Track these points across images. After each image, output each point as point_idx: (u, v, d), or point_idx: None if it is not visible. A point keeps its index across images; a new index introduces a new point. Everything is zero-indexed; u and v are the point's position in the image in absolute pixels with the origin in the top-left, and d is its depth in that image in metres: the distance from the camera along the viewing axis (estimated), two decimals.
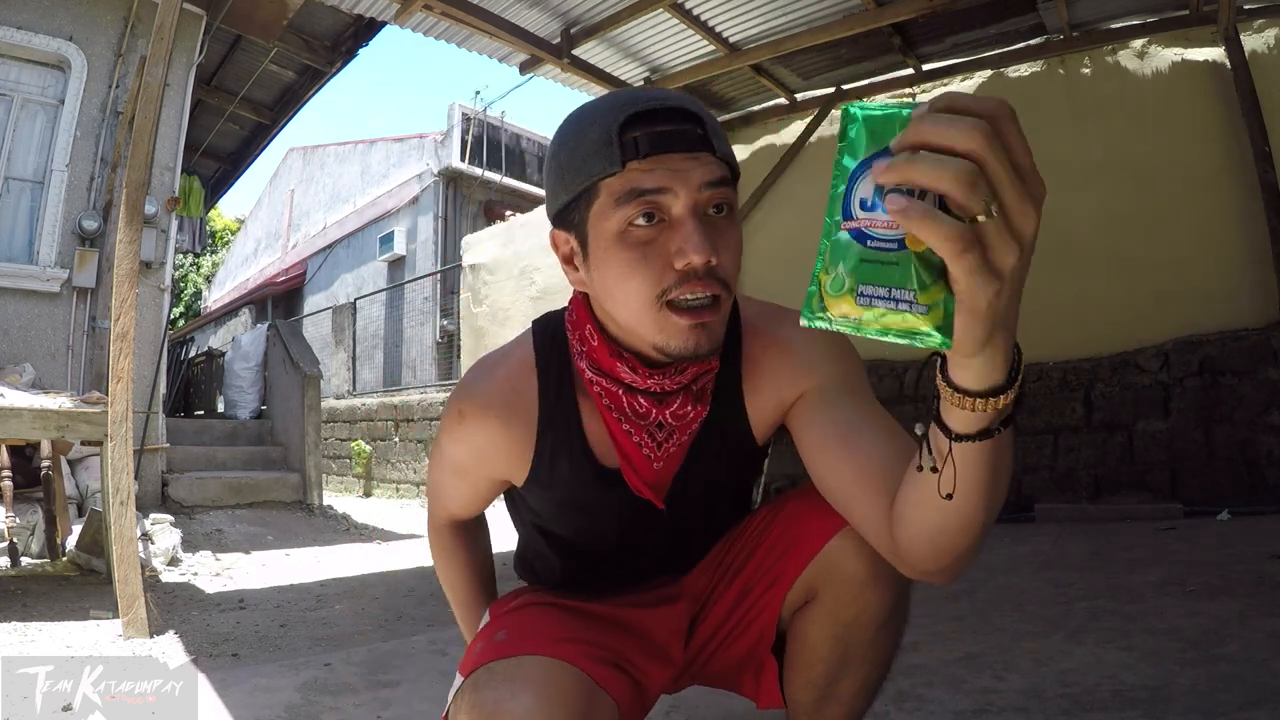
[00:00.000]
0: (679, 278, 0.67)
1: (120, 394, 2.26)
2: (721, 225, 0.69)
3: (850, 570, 0.78)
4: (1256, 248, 3.53)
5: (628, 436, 0.80)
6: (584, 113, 0.72)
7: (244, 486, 5.29)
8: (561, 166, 0.71)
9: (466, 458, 0.86)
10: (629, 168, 0.67)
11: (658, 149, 0.67)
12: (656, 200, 0.67)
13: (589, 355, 0.78)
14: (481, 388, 0.83)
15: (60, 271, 4.39)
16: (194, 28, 4.84)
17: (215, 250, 18.67)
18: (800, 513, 0.83)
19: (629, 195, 0.67)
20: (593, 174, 0.68)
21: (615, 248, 0.69)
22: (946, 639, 1.75)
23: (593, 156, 0.68)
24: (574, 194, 0.70)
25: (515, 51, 4.20)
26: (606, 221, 0.69)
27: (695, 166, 0.67)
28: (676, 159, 0.67)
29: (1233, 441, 3.43)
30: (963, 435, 0.50)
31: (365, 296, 11.33)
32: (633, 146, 0.67)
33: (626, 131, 0.67)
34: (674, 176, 0.67)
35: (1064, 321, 4.00)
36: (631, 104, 0.68)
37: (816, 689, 0.83)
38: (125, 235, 2.29)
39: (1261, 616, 1.70)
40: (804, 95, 4.90)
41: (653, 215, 0.67)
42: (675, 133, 0.67)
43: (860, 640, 0.80)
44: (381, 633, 2.29)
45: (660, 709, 1.43)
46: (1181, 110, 3.78)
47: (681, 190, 0.67)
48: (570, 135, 0.71)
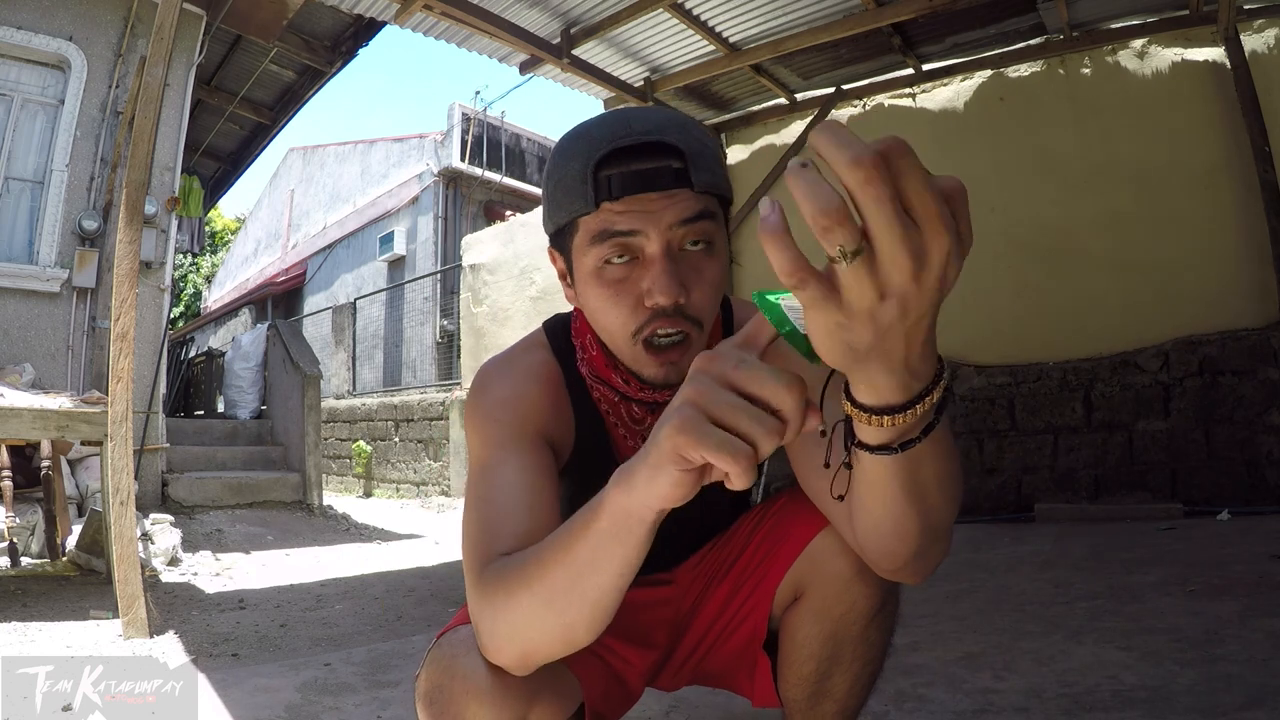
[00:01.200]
0: (649, 315, 0.69)
1: (120, 394, 2.26)
2: (698, 261, 0.70)
3: (836, 566, 0.78)
4: (1256, 248, 3.53)
5: (625, 441, 0.82)
6: (570, 141, 0.72)
7: (244, 486, 5.29)
8: (548, 195, 0.73)
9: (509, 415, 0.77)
10: (602, 208, 0.68)
11: (630, 189, 0.67)
12: (627, 242, 0.68)
13: (589, 363, 0.81)
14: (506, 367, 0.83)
15: (60, 271, 4.39)
16: (194, 28, 4.84)
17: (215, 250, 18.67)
18: (788, 510, 0.84)
19: (602, 236, 0.69)
20: (572, 211, 0.70)
21: (592, 283, 0.71)
22: (946, 639, 1.75)
23: (571, 193, 0.69)
24: (558, 225, 0.73)
25: (515, 51, 4.20)
26: (585, 257, 0.71)
27: (669, 206, 0.68)
28: (650, 199, 0.68)
29: (1233, 441, 3.43)
30: (867, 446, 0.49)
31: (365, 296, 11.33)
32: (606, 187, 0.68)
33: (602, 169, 0.68)
34: (646, 219, 0.67)
35: (1064, 321, 4.00)
36: (610, 139, 0.68)
37: (809, 686, 0.83)
38: (125, 235, 2.29)
39: (1261, 616, 1.70)
40: (804, 95, 4.90)
41: (624, 254, 0.69)
42: (650, 171, 0.67)
43: (850, 636, 0.80)
44: (381, 633, 2.29)
45: (660, 709, 1.43)
46: (1181, 110, 3.78)
47: (653, 231, 0.68)
48: (556, 165, 0.72)
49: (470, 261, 7.89)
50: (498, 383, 0.80)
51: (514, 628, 0.59)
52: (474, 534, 0.68)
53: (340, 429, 9.08)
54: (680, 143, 0.68)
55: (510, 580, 0.58)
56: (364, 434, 8.70)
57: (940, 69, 4.44)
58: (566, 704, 0.71)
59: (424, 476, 7.65)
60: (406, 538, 4.90)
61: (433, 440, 7.61)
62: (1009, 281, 4.18)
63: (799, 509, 0.82)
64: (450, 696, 0.64)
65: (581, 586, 0.55)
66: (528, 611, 0.57)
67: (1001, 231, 4.24)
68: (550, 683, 0.69)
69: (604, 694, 0.81)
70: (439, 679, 0.65)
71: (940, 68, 4.44)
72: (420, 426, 7.81)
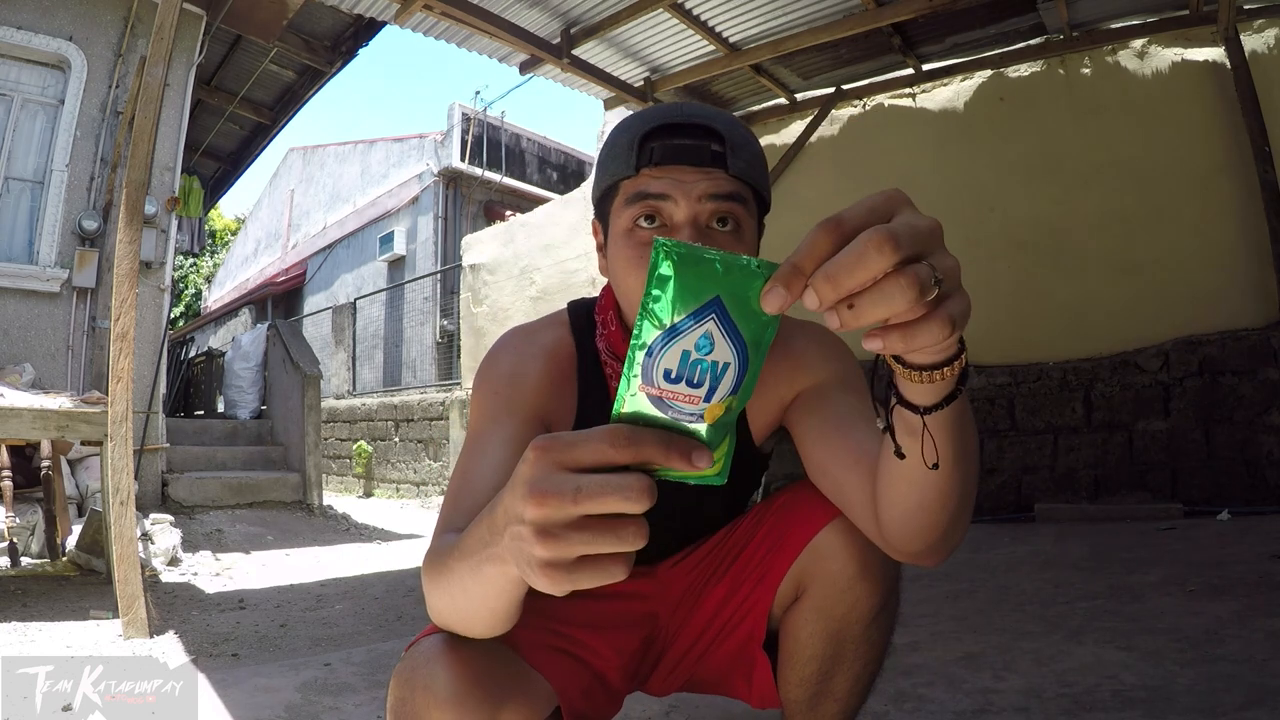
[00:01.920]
0: None
1: (120, 394, 2.26)
2: (723, 239, 0.74)
3: (839, 565, 0.79)
4: (1256, 247, 3.53)
5: None
6: (628, 119, 0.79)
7: (244, 486, 5.29)
8: (599, 164, 0.80)
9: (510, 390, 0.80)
10: (641, 172, 0.74)
11: (668, 159, 0.73)
12: (659, 205, 0.73)
13: (607, 338, 0.84)
14: (519, 340, 0.86)
15: (60, 271, 4.39)
16: (194, 28, 4.84)
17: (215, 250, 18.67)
18: (789, 508, 0.84)
19: (636, 196, 0.74)
20: (616, 174, 0.76)
21: (622, 243, 0.76)
22: (946, 639, 1.75)
23: (618, 158, 0.76)
24: (602, 189, 0.79)
25: (515, 51, 4.20)
26: (619, 218, 0.76)
27: (701, 179, 0.73)
28: (685, 170, 0.73)
29: (1233, 441, 3.43)
30: (929, 407, 0.49)
31: (365, 296, 11.33)
32: (648, 154, 0.74)
33: (647, 140, 0.74)
34: (677, 186, 0.73)
35: (1064, 321, 4.00)
36: (662, 116, 0.75)
37: (811, 686, 0.83)
38: (125, 235, 2.29)
39: (1261, 616, 1.70)
40: (804, 95, 4.90)
41: (654, 218, 0.74)
42: (690, 146, 0.73)
43: (852, 635, 0.81)
44: (381, 633, 2.29)
45: (660, 709, 1.43)
46: (1181, 110, 3.78)
47: (682, 199, 0.73)
48: (610, 137, 0.79)
49: (470, 261, 7.89)
50: (506, 356, 0.84)
51: (435, 606, 0.61)
52: (446, 502, 0.73)
53: (340, 429, 9.08)
54: (724, 130, 0.74)
55: (435, 562, 0.59)
56: (364, 434, 8.70)
57: (940, 69, 4.44)
58: (537, 709, 0.71)
59: (424, 476, 7.65)
60: (406, 538, 4.90)
61: (433, 440, 7.61)
62: (1009, 281, 4.18)
63: (801, 505, 0.82)
64: (413, 709, 0.64)
65: (466, 595, 0.54)
66: (439, 595, 0.58)
67: (1001, 231, 4.24)
68: (518, 688, 0.69)
69: (584, 693, 0.80)
70: (402, 691, 0.66)
71: (940, 68, 4.44)
72: (420, 426, 7.81)
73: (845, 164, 4.80)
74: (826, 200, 4.84)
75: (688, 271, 0.37)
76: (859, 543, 0.77)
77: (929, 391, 0.48)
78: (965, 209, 4.36)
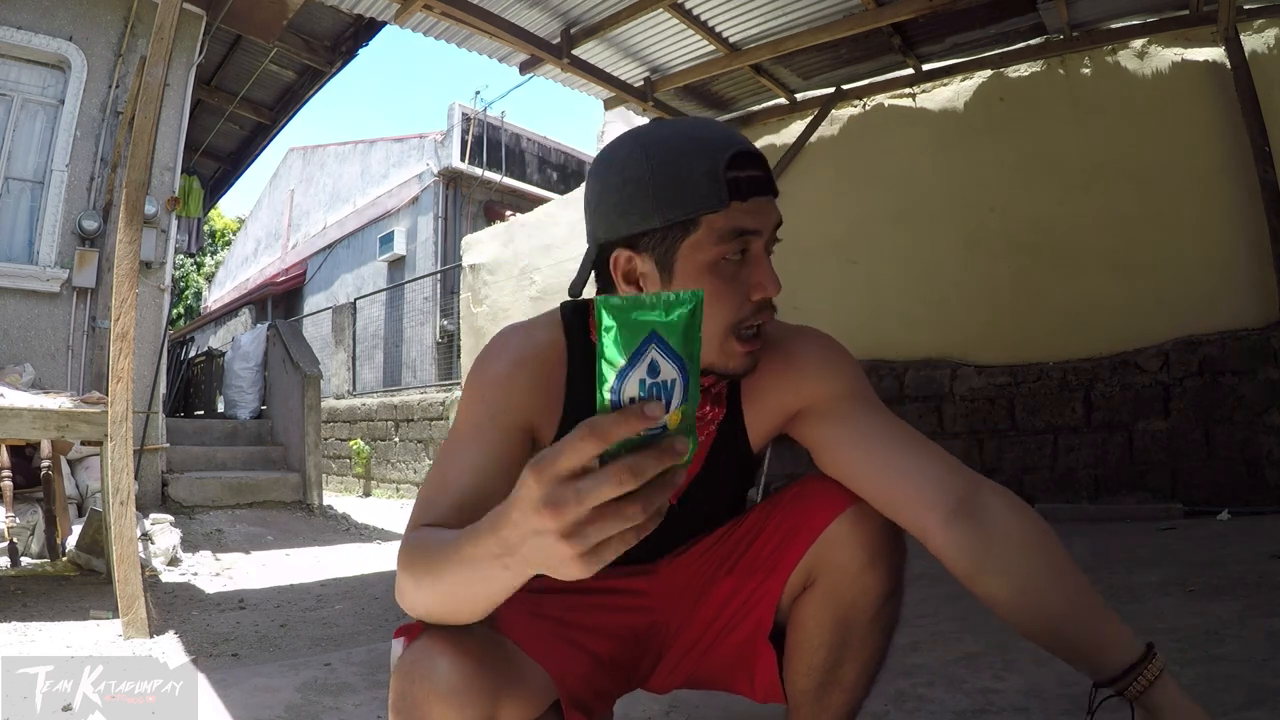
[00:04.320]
0: (754, 308, 0.77)
1: (120, 394, 2.26)
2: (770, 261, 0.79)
3: (850, 553, 0.80)
4: (1256, 248, 3.53)
5: None
6: (678, 142, 0.74)
7: (244, 486, 5.29)
8: (653, 193, 0.73)
9: (496, 396, 0.80)
10: (731, 206, 0.73)
11: (756, 192, 0.75)
12: (749, 240, 0.75)
13: None
14: (513, 342, 0.85)
15: (60, 271, 4.39)
16: (194, 28, 4.84)
17: (215, 250, 18.68)
18: (801, 500, 0.85)
19: (732, 233, 0.74)
20: (697, 208, 0.73)
21: (706, 277, 0.74)
22: (946, 639, 1.75)
23: (696, 190, 0.72)
24: (669, 221, 0.73)
25: (515, 51, 4.20)
26: (702, 253, 0.74)
27: (772, 210, 0.77)
28: (764, 202, 0.76)
29: (1233, 441, 3.43)
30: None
31: (365, 296, 11.33)
32: (737, 187, 0.73)
33: (731, 171, 0.73)
34: (763, 219, 0.76)
35: (1064, 321, 4.00)
36: (731, 143, 0.74)
37: (819, 675, 0.84)
38: (125, 235, 2.29)
39: (1261, 616, 1.70)
40: (804, 95, 4.90)
41: (741, 251, 0.75)
42: (765, 179, 0.76)
43: (861, 622, 0.82)
44: (381, 633, 2.29)
45: (660, 709, 1.43)
46: (1181, 110, 3.78)
47: (765, 231, 0.76)
48: (667, 163, 0.73)
49: (470, 261, 7.89)
50: (497, 359, 0.83)
51: (417, 600, 0.65)
52: (420, 498, 0.75)
53: (340, 429, 9.08)
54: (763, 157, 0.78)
55: (416, 557, 0.64)
56: (364, 434, 8.70)
57: (940, 69, 4.44)
58: (538, 699, 0.72)
59: (424, 476, 7.65)
60: None
61: (433, 440, 7.61)
62: (1009, 281, 4.18)
63: (814, 497, 0.84)
64: (415, 702, 0.65)
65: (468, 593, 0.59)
66: (426, 592, 0.63)
67: (1002, 231, 4.24)
68: (517, 679, 0.70)
69: (583, 679, 0.81)
70: (402, 685, 0.67)
71: (940, 68, 4.44)
72: (420, 426, 7.81)
73: (845, 164, 4.79)
74: (826, 200, 4.84)
75: (624, 318, 0.44)
76: (870, 530, 0.80)
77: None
78: (965, 209, 4.36)
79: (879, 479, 0.79)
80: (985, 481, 0.79)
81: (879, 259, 4.65)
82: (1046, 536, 0.76)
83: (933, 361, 4.36)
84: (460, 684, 0.64)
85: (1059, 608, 0.73)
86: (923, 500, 0.76)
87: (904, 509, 0.78)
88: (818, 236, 4.81)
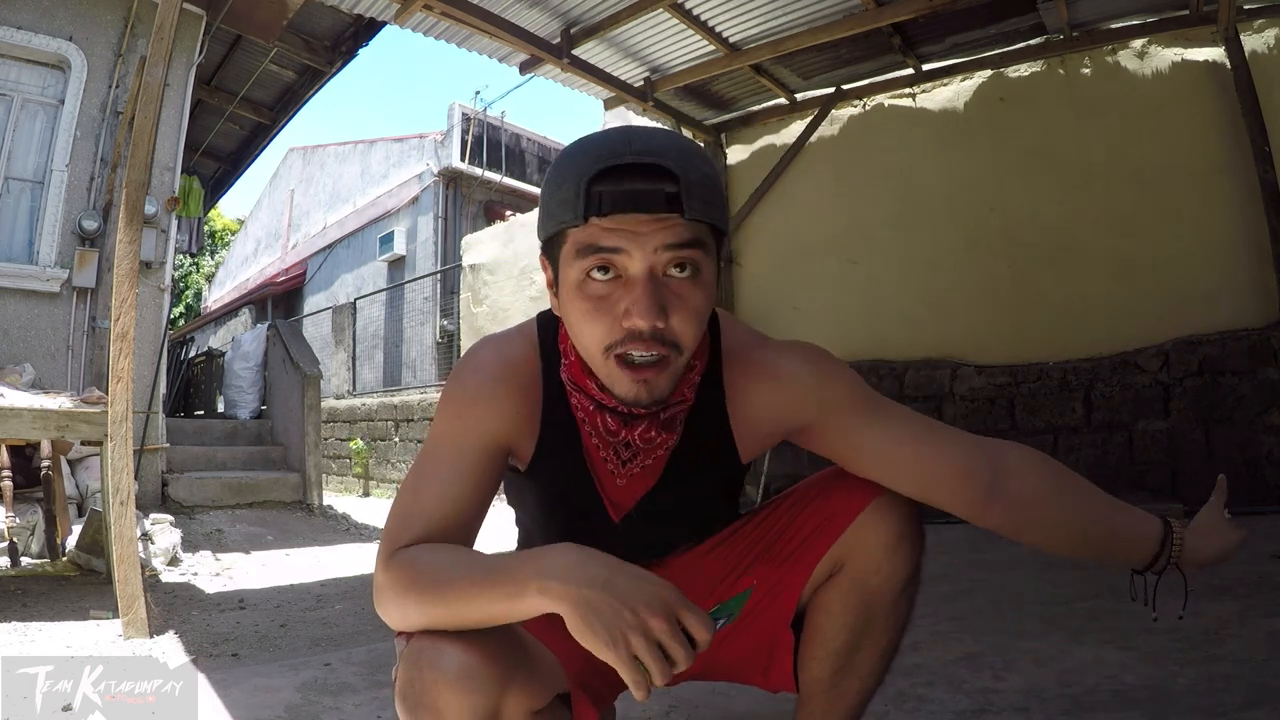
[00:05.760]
0: (625, 335, 0.70)
1: (120, 394, 2.26)
2: (681, 287, 0.70)
3: (879, 537, 0.82)
4: (1256, 247, 3.53)
5: (597, 451, 0.83)
6: (569, 153, 0.72)
7: (244, 486, 5.28)
8: (543, 204, 0.74)
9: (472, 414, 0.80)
10: (590, 222, 0.68)
11: (619, 208, 0.67)
12: (611, 259, 0.69)
13: (569, 369, 0.81)
14: (489, 356, 0.84)
15: (60, 271, 4.38)
16: (194, 28, 4.84)
17: (215, 250, 18.68)
18: (830, 494, 0.87)
19: (587, 250, 0.69)
20: (561, 222, 0.70)
21: (575, 295, 0.71)
22: (946, 639, 1.74)
23: (564, 204, 0.69)
24: (549, 234, 0.73)
25: (515, 51, 4.20)
26: (569, 269, 0.71)
27: (657, 230, 0.68)
28: (639, 220, 0.67)
29: (1233, 441, 3.43)
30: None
31: (365, 296, 11.33)
32: (596, 202, 0.67)
33: (595, 184, 0.67)
34: (631, 238, 0.68)
35: (1064, 321, 4.00)
36: (608, 155, 0.68)
37: (837, 660, 0.85)
38: (125, 235, 2.29)
39: (1261, 616, 1.70)
40: (804, 95, 4.90)
41: (608, 270, 0.69)
42: (642, 193, 0.67)
43: (883, 605, 0.84)
44: (381, 633, 2.29)
45: (660, 709, 1.43)
46: (1181, 110, 3.78)
47: (637, 252, 0.68)
48: (553, 175, 0.72)
49: (470, 261, 7.89)
50: (472, 376, 0.82)
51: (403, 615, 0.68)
52: (394, 516, 0.75)
53: (340, 429, 9.08)
54: (677, 168, 0.67)
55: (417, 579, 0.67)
56: (364, 434, 8.70)
57: (940, 69, 4.44)
58: (545, 687, 0.72)
59: None
60: None
61: None
62: (1009, 281, 4.18)
63: (842, 490, 0.85)
64: (423, 689, 0.65)
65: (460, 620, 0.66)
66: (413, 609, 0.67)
67: (1001, 231, 4.24)
68: (526, 665, 0.70)
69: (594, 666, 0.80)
70: (410, 674, 0.67)
71: (940, 68, 4.44)
72: (420, 426, 7.81)
73: (845, 164, 4.80)
74: (826, 200, 4.84)
75: None
76: (897, 514, 0.82)
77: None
78: (965, 209, 4.36)
79: (913, 475, 0.81)
80: (1004, 447, 0.85)
81: (879, 259, 4.65)
82: (1064, 478, 0.85)
83: (933, 361, 4.36)
84: (468, 670, 0.64)
85: (1093, 535, 0.86)
86: (962, 487, 0.81)
87: (945, 498, 0.82)
88: (818, 236, 4.81)
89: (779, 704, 1.23)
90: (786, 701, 0.95)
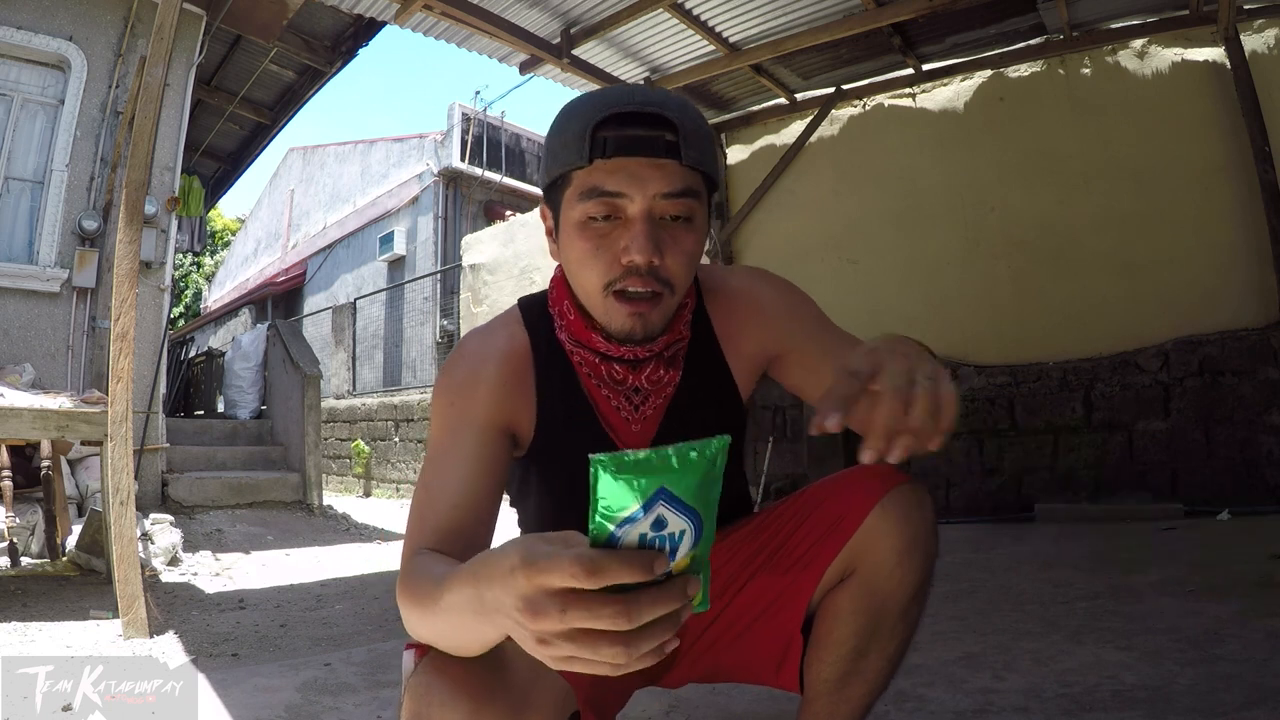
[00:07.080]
0: (624, 271, 0.74)
1: (120, 394, 2.26)
2: (676, 231, 0.75)
3: (889, 541, 0.81)
4: (1256, 247, 3.53)
5: (607, 401, 0.85)
6: (576, 103, 0.77)
7: (244, 486, 5.28)
8: (548, 149, 0.78)
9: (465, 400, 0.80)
10: (595, 165, 0.72)
11: (622, 151, 0.72)
12: (613, 201, 0.73)
13: (568, 328, 0.84)
14: (473, 345, 0.87)
15: (60, 271, 4.39)
16: (194, 28, 4.84)
17: (215, 250, 18.67)
18: (839, 495, 0.86)
19: (590, 192, 0.73)
20: (566, 164, 0.74)
21: (576, 236, 0.76)
22: (946, 639, 1.74)
23: (569, 147, 0.74)
24: (553, 178, 0.78)
25: (515, 51, 4.20)
26: (572, 210, 0.76)
27: (656, 175, 0.72)
28: (639, 164, 0.72)
29: (1233, 441, 3.43)
30: None
31: (365, 296, 11.33)
32: (600, 146, 0.72)
33: (600, 130, 0.72)
34: (632, 181, 0.72)
35: (1064, 321, 4.00)
36: (613, 103, 0.73)
37: (843, 664, 0.84)
38: (125, 235, 2.29)
39: (1261, 616, 1.70)
40: (804, 95, 4.90)
41: (609, 213, 0.74)
42: (644, 138, 0.72)
43: (893, 611, 0.82)
44: (381, 633, 2.29)
45: (660, 709, 1.43)
46: (1181, 110, 3.78)
47: (637, 195, 0.73)
48: (560, 122, 0.77)
49: (470, 261, 7.89)
50: (460, 365, 0.84)
51: (419, 632, 0.63)
52: (412, 519, 0.75)
53: (340, 429, 9.08)
54: (676, 119, 0.72)
55: (416, 593, 0.62)
56: (364, 434, 8.70)
57: (940, 69, 4.44)
58: (557, 714, 0.71)
59: None
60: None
61: None
62: (1009, 281, 4.18)
63: (850, 491, 0.84)
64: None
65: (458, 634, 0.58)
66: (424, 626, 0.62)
67: (1002, 231, 4.24)
68: (536, 693, 0.68)
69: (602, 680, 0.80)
70: (416, 707, 0.65)
71: (940, 68, 4.44)
72: (420, 426, 7.81)
73: (845, 164, 4.80)
74: (826, 200, 4.84)
75: (625, 476, 0.40)
76: (909, 519, 0.81)
77: None
78: (965, 209, 4.36)
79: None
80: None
81: (879, 259, 4.65)
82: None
83: None
84: (479, 709, 0.63)
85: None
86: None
87: None
88: (818, 236, 4.81)
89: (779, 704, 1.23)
90: (786, 701, 0.95)
